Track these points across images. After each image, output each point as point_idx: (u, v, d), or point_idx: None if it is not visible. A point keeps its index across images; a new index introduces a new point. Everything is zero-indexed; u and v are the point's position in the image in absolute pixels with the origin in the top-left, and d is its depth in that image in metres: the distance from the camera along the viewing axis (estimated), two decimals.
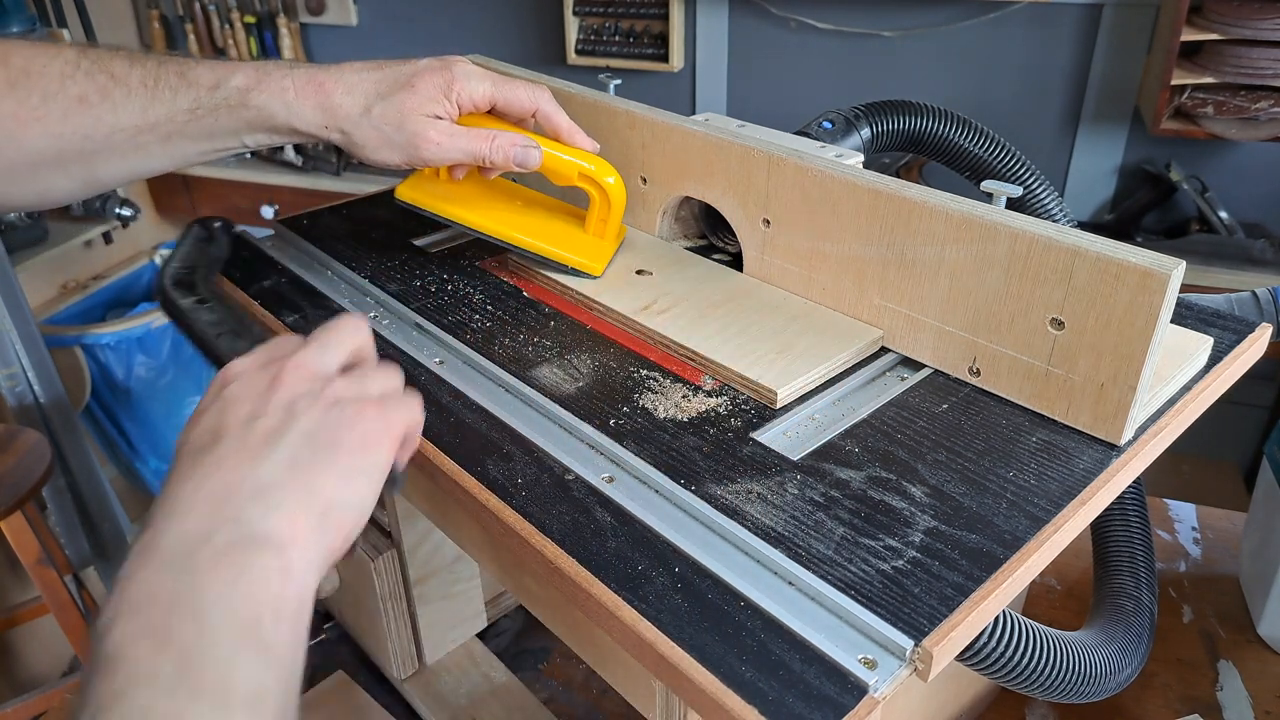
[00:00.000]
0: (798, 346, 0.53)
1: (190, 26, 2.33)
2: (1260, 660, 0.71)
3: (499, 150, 0.56)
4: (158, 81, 0.53)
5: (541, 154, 0.57)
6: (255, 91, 0.53)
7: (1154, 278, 0.41)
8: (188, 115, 0.53)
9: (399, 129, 0.54)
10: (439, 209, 0.62)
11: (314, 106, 0.54)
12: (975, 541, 0.40)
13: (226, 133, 0.54)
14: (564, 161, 0.58)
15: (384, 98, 0.54)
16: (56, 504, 1.67)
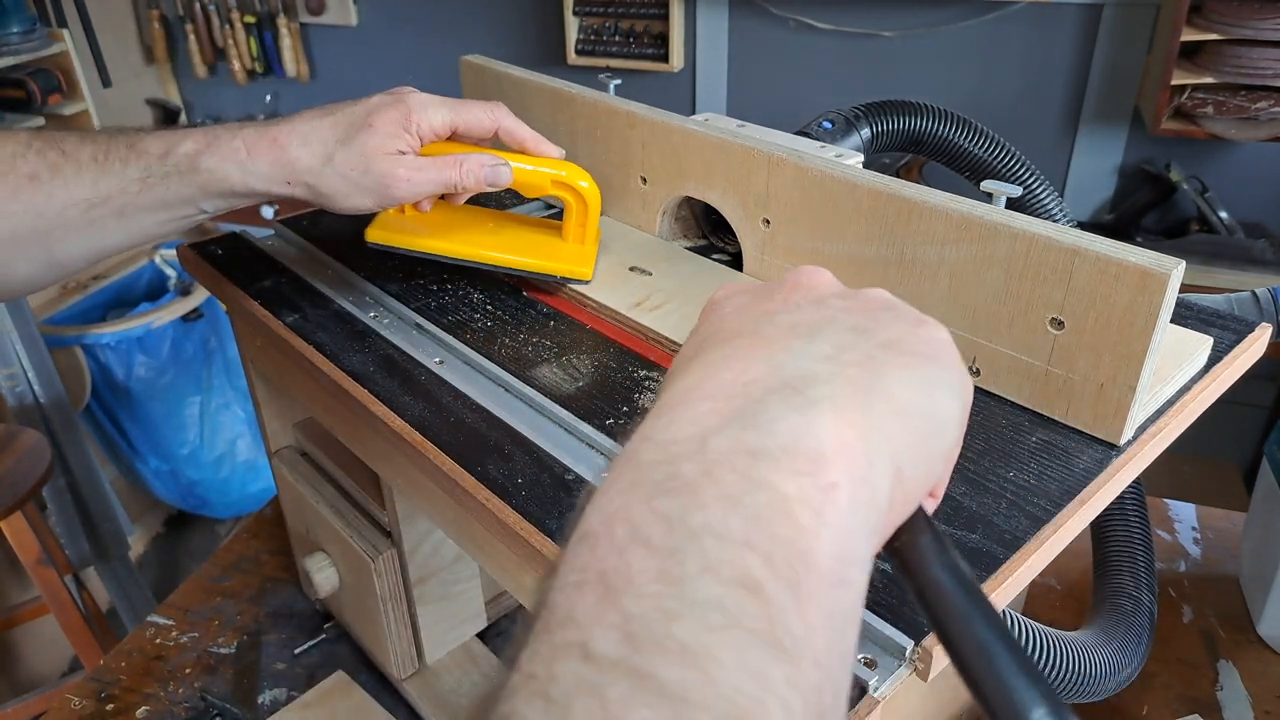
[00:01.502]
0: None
1: (190, 27, 2.34)
2: (1260, 660, 0.71)
3: (469, 174, 0.55)
4: (108, 154, 0.52)
5: (511, 170, 0.57)
6: (205, 155, 0.51)
7: (1154, 278, 0.41)
8: (139, 185, 0.51)
9: (365, 173, 0.52)
10: (414, 244, 0.60)
11: (270, 163, 0.52)
12: (975, 541, 0.40)
13: (181, 201, 0.52)
14: (536, 173, 0.58)
15: (343, 143, 0.52)
16: (57, 504, 1.67)
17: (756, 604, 0.19)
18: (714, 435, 0.22)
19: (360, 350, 0.55)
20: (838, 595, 0.20)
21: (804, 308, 0.27)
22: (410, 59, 2.27)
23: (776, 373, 0.24)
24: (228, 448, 2.02)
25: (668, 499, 0.21)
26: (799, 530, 0.20)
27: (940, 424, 0.25)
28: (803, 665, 0.19)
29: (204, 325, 2.02)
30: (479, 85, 0.76)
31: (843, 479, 0.22)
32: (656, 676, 0.17)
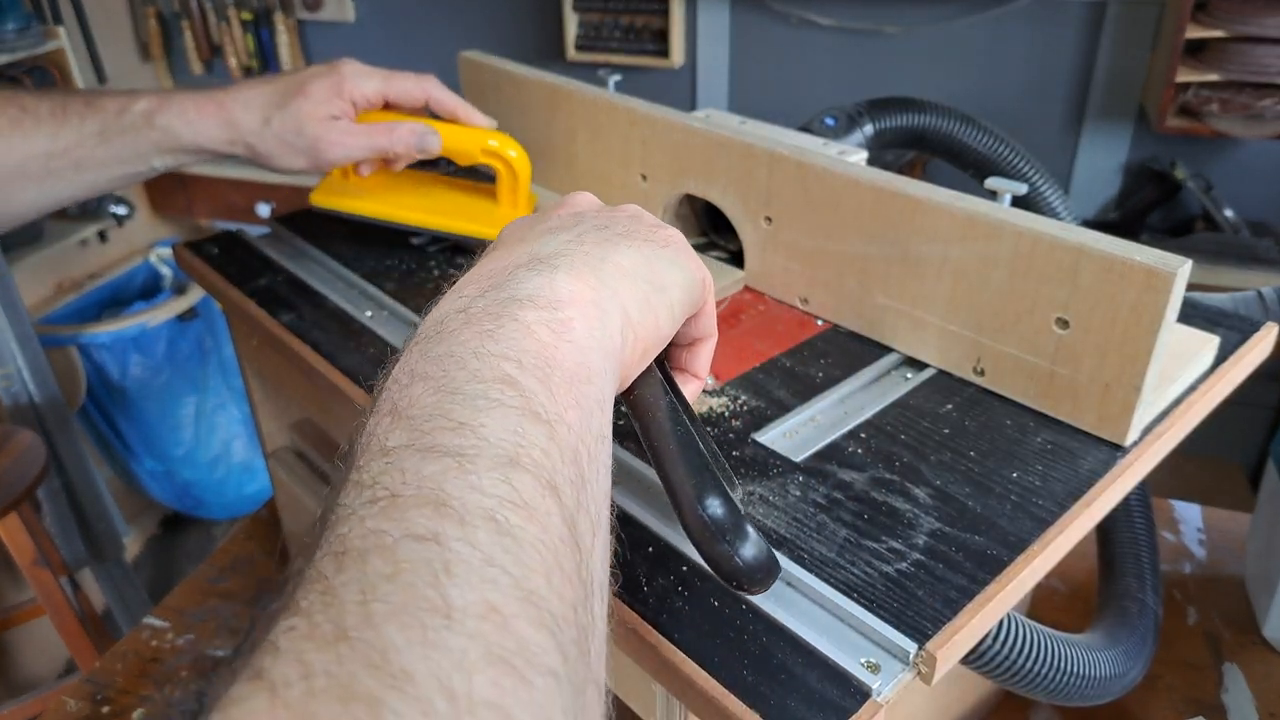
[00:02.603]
0: None
1: (187, 24, 2.33)
2: (1265, 662, 0.71)
3: (399, 140, 0.58)
4: (65, 109, 0.55)
5: (440, 138, 0.60)
6: (159, 114, 0.56)
7: (1159, 277, 0.41)
8: (96, 139, 0.56)
9: (299, 134, 0.56)
10: (353, 208, 0.64)
11: (216, 123, 0.57)
12: (979, 544, 0.39)
13: (134, 156, 0.57)
14: (465, 141, 0.61)
15: (280, 107, 0.57)
16: (52, 505, 1.67)
17: (514, 391, 0.24)
18: (474, 301, 0.28)
19: (357, 349, 0.55)
20: (582, 388, 0.26)
21: (564, 218, 0.34)
22: (408, 55, 2.26)
23: (528, 254, 0.30)
24: (223, 448, 2.02)
25: (438, 345, 0.26)
26: (542, 345, 0.26)
27: (660, 285, 0.31)
28: (558, 429, 0.24)
29: (199, 325, 2.01)
30: (477, 81, 0.75)
31: (576, 315, 0.28)
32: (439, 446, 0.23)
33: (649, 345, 0.31)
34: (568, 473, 0.24)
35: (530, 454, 0.23)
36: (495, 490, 0.22)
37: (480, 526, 0.21)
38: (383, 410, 0.25)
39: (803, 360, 0.53)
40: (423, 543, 0.20)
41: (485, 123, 0.63)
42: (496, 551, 0.20)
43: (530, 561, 0.21)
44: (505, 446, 0.23)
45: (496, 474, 0.22)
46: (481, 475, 0.22)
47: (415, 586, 0.19)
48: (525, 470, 0.23)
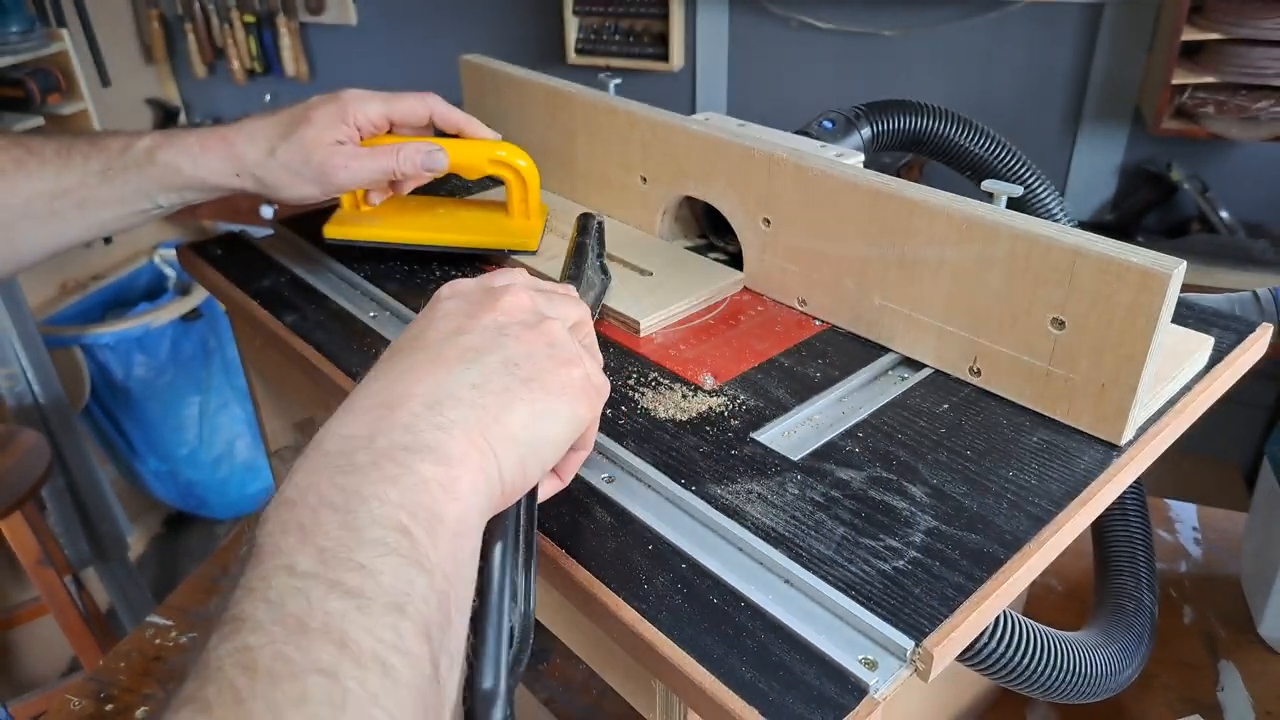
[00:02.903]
0: (667, 285, 0.58)
1: (190, 26, 2.33)
2: (1261, 661, 0.71)
3: (407, 160, 0.58)
4: (70, 150, 0.55)
5: (446, 154, 0.60)
6: (161, 150, 0.56)
7: (1155, 278, 0.41)
8: (99, 178, 0.55)
9: (306, 162, 0.56)
10: (368, 235, 0.63)
11: (220, 157, 0.56)
12: (976, 542, 0.40)
13: (138, 194, 0.56)
14: (472, 154, 0.61)
15: (284, 137, 0.56)
16: (56, 504, 1.67)
17: (406, 541, 0.28)
18: (380, 436, 0.31)
19: (359, 350, 0.55)
20: (458, 541, 0.30)
21: (486, 332, 0.36)
22: (410, 58, 2.27)
23: (434, 392, 0.32)
24: (227, 448, 2.02)
25: (346, 477, 0.29)
26: (434, 499, 0.29)
27: (537, 447, 0.34)
28: (435, 578, 0.28)
29: (203, 325, 2.01)
30: (478, 84, 0.76)
31: (464, 474, 0.31)
32: (343, 583, 0.26)
33: (512, 497, 0.34)
34: (438, 619, 0.27)
35: (414, 603, 0.27)
36: (385, 635, 0.25)
37: (371, 668, 0.24)
38: (290, 526, 0.28)
39: (801, 360, 0.53)
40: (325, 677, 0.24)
41: (490, 135, 0.63)
42: (380, 692, 0.24)
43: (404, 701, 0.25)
44: (396, 594, 0.26)
45: (387, 619, 0.26)
46: (375, 619, 0.25)
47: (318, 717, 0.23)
48: (408, 618, 0.26)
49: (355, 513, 0.28)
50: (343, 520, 0.28)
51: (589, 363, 0.37)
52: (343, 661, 0.24)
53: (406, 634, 0.26)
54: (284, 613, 0.25)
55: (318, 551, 0.27)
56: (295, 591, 0.25)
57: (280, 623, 0.24)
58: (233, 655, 0.24)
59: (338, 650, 0.24)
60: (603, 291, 0.56)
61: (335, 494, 0.28)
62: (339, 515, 0.28)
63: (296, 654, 0.24)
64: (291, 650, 0.24)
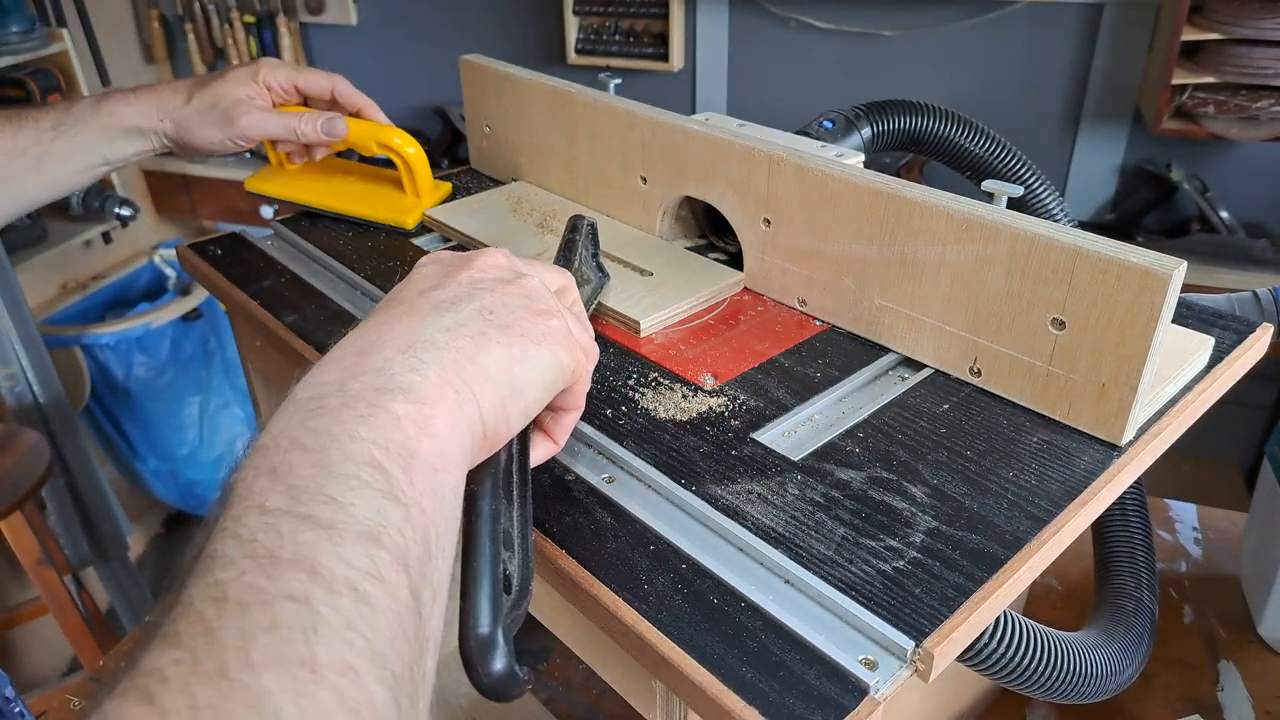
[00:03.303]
0: (666, 286, 0.59)
1: (190, 26, 2.33)
2: (1261, 660, 0.71)
3: (308, 122, 0.67)
4: (21, 115, 0.62)
5: (346, 124, 0.68)
6: (105, 100, 0.63)
7: (1155, 278, 0.41)
8: (52, 134, 0.62)
9: (214, 107, 0.64)
10: (277, 192, 0.73)
11: (149, 105, 0.64)
12: (976, 542, 0.40)
13: (86, 147, 0.63)
14: (364, 134, 0.69)
15: (201, 86, 0.65)
16: (56, 504, 1.67)
17: (380, 475, 0.28)
18: (351, 380, 0.30)
19: None
20: (437, 476, 0.29)
21: (461, 286, 0.36)
22: (409, 58, 2.27)
23: (406, 338, 0.32)
24: (227, 448, 2.02)
25: (317, 419, 0.29)
26: (407, 437, 0.29)
27: (517, 389, 0.34)
28: (412, 511, 0.28)
29: (203, 325, 2.01)
30: (478, 84, 0.76)
31: (440, 413, 0.30)
32: (314, 516, 0.25)
33: (497, 440, 0.34)
34: (417, 550, 0.27)
35: (389, 533, 0.26)
36: (358, 563, 0.25)
37: (344, 594, 0.24)
38: (261, 469, 0.27)
39: (801, 360, 0.53)
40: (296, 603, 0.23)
41: (384, 121, 0.71)
42: (355, 617, 0.24)
43: (381, 627, 0.24)
44: (369, 524, 0.26)
45: (360, 548, 0.25)
46: (348, 548, 0.25)
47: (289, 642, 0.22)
48: (383, 547, 0.26)
49: (326, 451, 0.28)
50: (314, 459, 0.27)
51: (570, 319, 0.37)
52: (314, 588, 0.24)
53: (381, 562, 0.25)
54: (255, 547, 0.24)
55: (289, 490, 0.26)
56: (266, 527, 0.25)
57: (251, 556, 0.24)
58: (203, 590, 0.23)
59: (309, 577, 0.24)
60: (598, 289, 0.56)
61: (306, 436, 0.28)
62: (310, 455, 0.28)
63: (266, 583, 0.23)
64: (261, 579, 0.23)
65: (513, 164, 0.76)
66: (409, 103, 2.31)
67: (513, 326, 0.34)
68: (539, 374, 0.35)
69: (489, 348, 0.33)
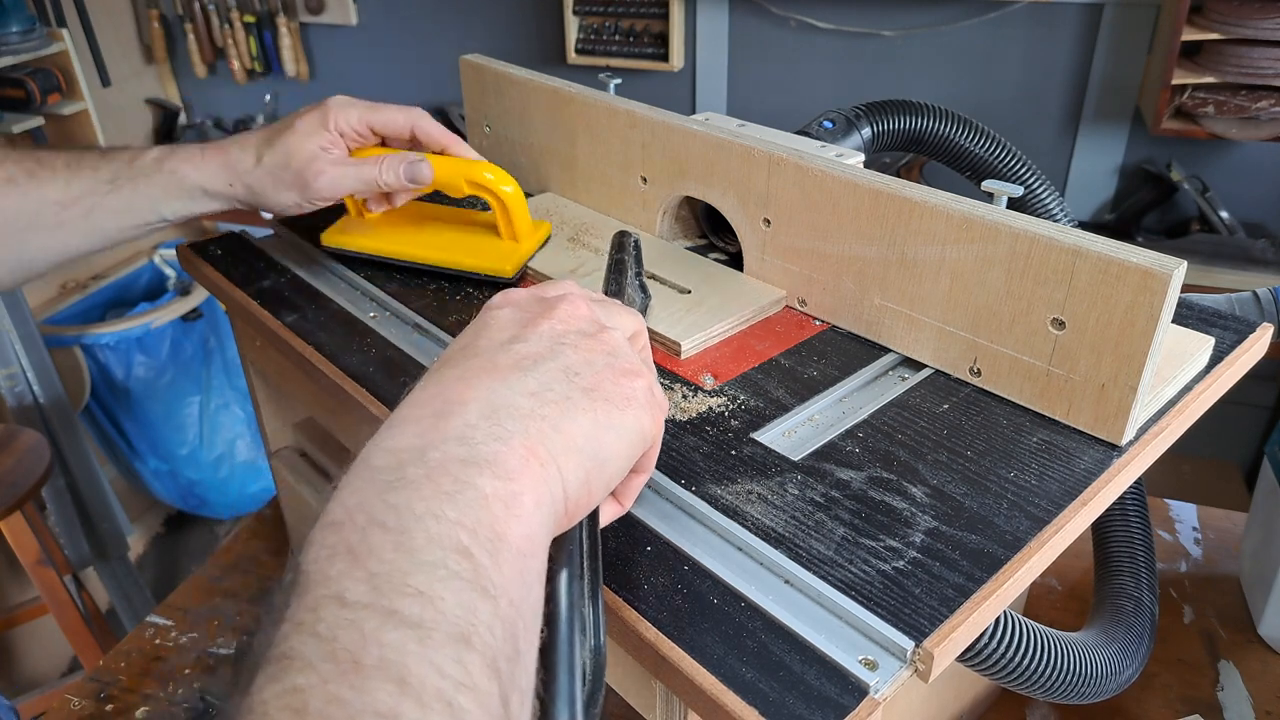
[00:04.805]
0: (706, 304, 0.56)
1: (190, 26, 2.33)
2: (1261, 660, 0.71)
3: (389, 169, 0.58)
4: (80, 161, 0.57)
5: (431, 167, 0.59)
6: (168, 159, 0.57)
7: (1155, 278, 0.41)
8: (108, 186, 0.57)
9: (286, 168, 0.57)
10: (358, 246, 0.64)
11: (218, 166, 0.58)
12: (976, 542, 0.40)
13: (145, 203, 0.57)
14: (453, 173, 0.60)
15: (269, 144, 0.58)
16: (56, 504, 1.67)
17: (468, 564, 0.25)
18: (432, 448, 0.28)
19: (360, 350, 0.55)
20: (524, 562, 0.27)
21: (543, 339, 0.33)
22: (410, 58, 2.27)
23: (490, 399, 0.30)
24: (227, 448, 2.02)
25: (397, 494, 0.26)
26: (495, 518, 0.27)
27: (602, 460, 0.32)
28: (501, 604, 0.25)
29: (203, 325, 2.01)
30: (478, 84, 0.76)
31: (526, 489, 0.28)
32: (400, 612, 0.23)
33: (576, 515, 0.32)
34: (506, 650, 0.25)
35: (479, 632, 0.24)
36: (450, 670, 0.23)
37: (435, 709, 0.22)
38: (338, 550, 0.25)
39: (801, 360, 0.53)
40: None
41: (473, 155, 0.62)
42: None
43: None
44: (459, 623, 0.24)
45: (450, 651, 0.23)
46: (437, 651, 0.23)
47: None
48: (475, 650, 0.24)
49: (409, 532, 0.25)
50: (396, 541, 0.25)
51: (651, 377, 0.35)
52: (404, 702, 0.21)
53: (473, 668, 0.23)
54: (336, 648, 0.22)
55: (369, 577, 0.24)
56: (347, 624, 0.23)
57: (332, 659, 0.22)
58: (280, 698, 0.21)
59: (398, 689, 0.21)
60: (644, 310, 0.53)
61: (387, 513, 0.26)
62: (391, 536, 0.25)
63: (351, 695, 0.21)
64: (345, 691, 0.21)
65: (513, 164, 0.76)
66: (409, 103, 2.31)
67: (598, 390, 0.32)
68: (624, 443, 0.32)
69: (575, 415, 0.31)
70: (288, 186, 0.57)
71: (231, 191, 0.58)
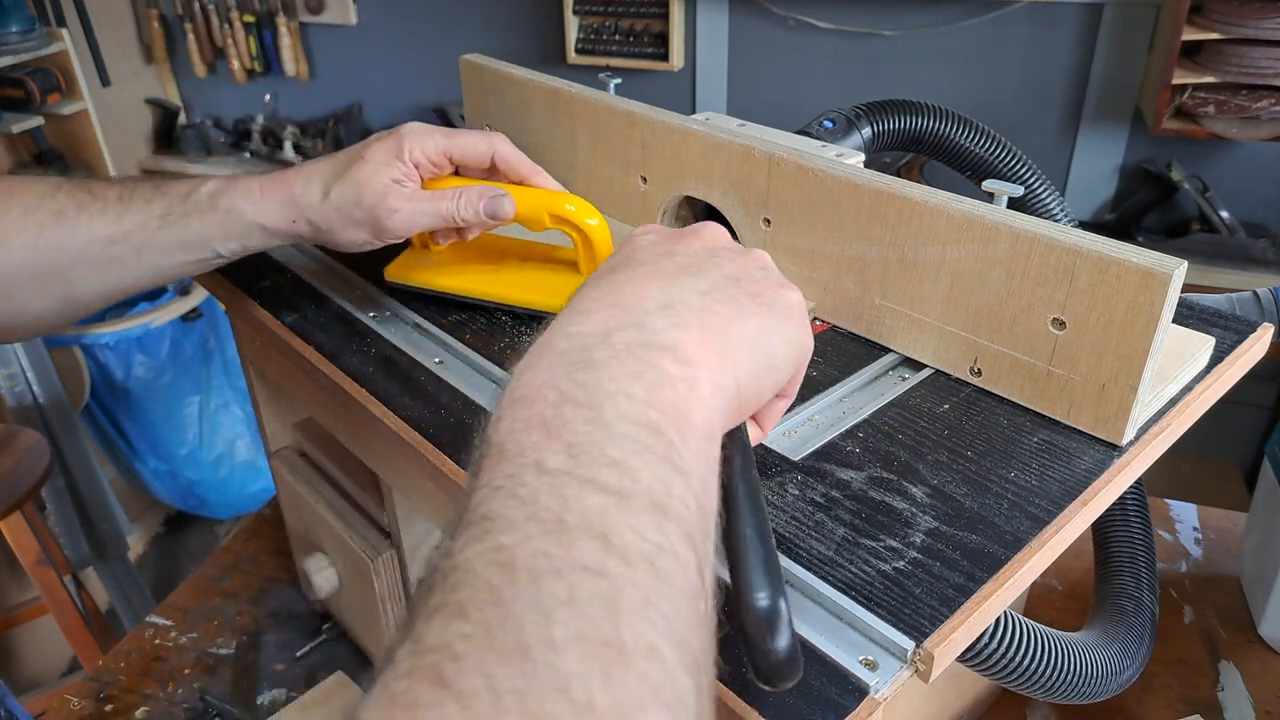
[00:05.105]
0: None
1: (189, 26, 2.33)
2: (1261, 660, 0.71)
3: (467, 205, 0.53)
4: (133, 193, 0.53)
5: (513, 200, 0.54)
6: (224, 194, 0.53)
7: (1156, 278, 0.41)
8: (159, 222, 0.53)
9: (357, 204, 0.52)
10: (427, 283, 0.59)
11: (279, 201, 0.53)
12: (976, 542, 0.40)
13: (198, 240, 0.53)
14: (534, 206, 0.55)
15: (339, 177, 0.52)
16: (56, 504, 1.67)
17: (659, 440, 0.26)
18: (615, 333, 0.29)
19: (360, 350, 0.55)
20: (706, 445, 0.28)
21: (698, 254, 0.34)
22: (410, 58, 2.27)
23: (664, 295, 0.31)
24: (227, 448, 2.02)
25: (585, 372, 0.27)
26: (680, 398, 0.28)
27: (772, 362, 0.33)
28: (691, 480, 0.26)
29: (203, 325, 2.01)
30: (478, 84, 0.76)
31: (704, 375, 0.29)
32: (598, 480, 0.24)
33: (744, 413, 0.32)
34: (700, 525, 0.25)
35: (674, 505, 0.24)
36: (651, 535, 0.23)
37: (641, 568, 0.22)
38: (531, 423, 0.26)
39: None
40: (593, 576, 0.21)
41: (555, 186, 0.57)
42: (654, 595, 0.22)
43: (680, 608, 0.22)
44: (656, 493, 0.24)
45: (650, 519, 0.23)
46: (638, 517, 0.23)
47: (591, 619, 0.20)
48: (672, 519, 0.24)
49: (601, 407, 0.26)
50: (588, 415, 0.25)
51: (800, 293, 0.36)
52: (609, 559, 0.22)
53: (672, 535, 0.23)
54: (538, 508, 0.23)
55: (566, 448, 0.24)
56: (548, 489, 0.23)
57: (535, 519, 0.22)
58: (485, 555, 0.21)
59: (602, 548, 0.22)
60: None
61: (577, 390, 0.26)
62: (583, 411, 0.26)
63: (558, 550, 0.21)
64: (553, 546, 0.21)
65: None
66: (408, 102, 2.31)
67: (761, 296, 0.33)
68: (789, 348, 0.33)
69: (745, 316, 0.32)
70: (358, 225, 0.52)
71: (294, 229, 0.53)
